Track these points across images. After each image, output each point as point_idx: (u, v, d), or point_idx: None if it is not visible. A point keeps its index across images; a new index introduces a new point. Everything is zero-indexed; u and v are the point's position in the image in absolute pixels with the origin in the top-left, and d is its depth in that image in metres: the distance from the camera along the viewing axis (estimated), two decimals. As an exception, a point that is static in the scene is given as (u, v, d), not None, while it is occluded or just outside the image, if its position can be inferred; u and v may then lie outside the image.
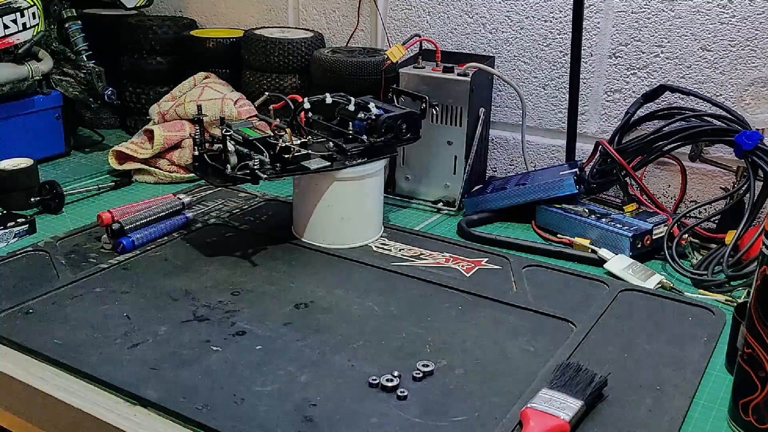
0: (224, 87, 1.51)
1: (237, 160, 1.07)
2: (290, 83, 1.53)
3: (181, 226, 1.19)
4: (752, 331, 0.73)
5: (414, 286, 1.04)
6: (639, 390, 0.82)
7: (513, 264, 1.11)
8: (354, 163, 1.12)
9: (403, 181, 1.38)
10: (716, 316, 0.97)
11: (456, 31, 1.46)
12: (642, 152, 1.22)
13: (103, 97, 1.54)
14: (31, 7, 1.43)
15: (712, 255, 1.10)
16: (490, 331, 0.93)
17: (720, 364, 0.88)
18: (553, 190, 1.23)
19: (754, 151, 1.11)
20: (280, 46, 1.51)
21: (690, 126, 1.18)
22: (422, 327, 0.93)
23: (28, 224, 1.19)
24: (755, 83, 1.22)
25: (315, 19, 1.65)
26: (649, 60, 1.29)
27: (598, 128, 1.36)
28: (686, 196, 1.30)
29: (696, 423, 0.78)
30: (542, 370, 0.84)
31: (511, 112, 1.45)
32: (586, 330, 0.93)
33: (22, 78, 1.44)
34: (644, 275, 1.08)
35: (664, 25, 1.27)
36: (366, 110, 1.17)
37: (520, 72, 1.42)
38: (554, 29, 1.37)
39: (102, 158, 1.52)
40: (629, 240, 1.12)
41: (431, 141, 1.32)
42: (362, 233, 1.17)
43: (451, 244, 1.17)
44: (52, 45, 1.55)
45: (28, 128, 1.48)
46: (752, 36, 1.20)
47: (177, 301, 0.98)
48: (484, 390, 0.80)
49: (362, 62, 1.39)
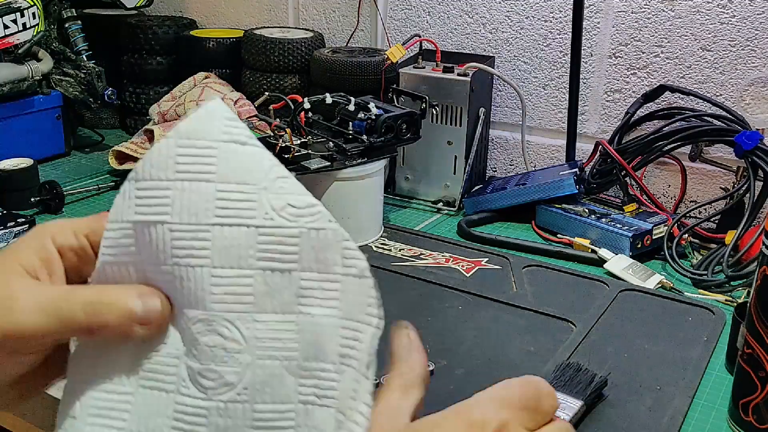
0: (224, 87, 1.51)
1: (237, 160, 1.07)
2: (290, 83, 1.53)
3: (181, 226, 1.19)
4: (752, 331, 0.73)
5: (414, 286, 1.04)
6: (639, 390, 0.82)
7: (513, 264, 1.11)
8: (354, 163, 1.12)
9: (403, 181, 1.38)
10: (716, 316, 0.97)
11: (456, 31, 1.46)
12: (642, 152, 1.22)
13: (103, 97, 1.54)
14: (31, 7, 1.43)
15: (712, 255, 1.10)
16: (490, 331, 0.93)
17: (720, 364, 0.88)
18: (553, 190, 1.23)
19: (754, 151, 1.11)
20: (280, 46, 1.51)
21: (690, 126, 1.18)
22: (422, 327, 0.93)
23: (28, 224, 1.19)
24: (755, 83, 1.22)
25: (315, 19, 1.65)
26: (649, 60, 1.29)
27: (598, 128, 1.36)
28: (686, 196, 1.30)
29: (696, 423, 0.78)
30: (542, 370, 0.84)
31: (511, 112, 1.45)
32: (586, 330, 0.93)
33: (22, 78, 1.44)
34: (644, 275, 1.08)
35: (664, 25, 1.27)
36: (366, 110, 1.16)
37: (520, 72, 1.42)
38: (554, 29, 1.37)
39: (102, 158, 1.52)
40: (629, 240, 1.12)
41: (431, 141, 1.32)
42: (362, 233, 1.17)
43: (451, 244, 1.17)
44: (52, 45, 1.55)
45: (28, 128, 1.48)
46: (752, 36, 1.20)
47: (177, 301, 0.98)
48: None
49: (362, 62, 1.39)
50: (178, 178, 0.40)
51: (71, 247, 0.43)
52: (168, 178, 0.40)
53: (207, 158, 0.41)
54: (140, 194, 0.41)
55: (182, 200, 0.40)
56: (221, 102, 0.43)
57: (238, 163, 0.41)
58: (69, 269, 0.43)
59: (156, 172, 0.41)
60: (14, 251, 0.42)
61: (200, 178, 0.40)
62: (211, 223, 0.40)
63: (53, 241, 0.42)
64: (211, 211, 0.40)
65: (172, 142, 0.41)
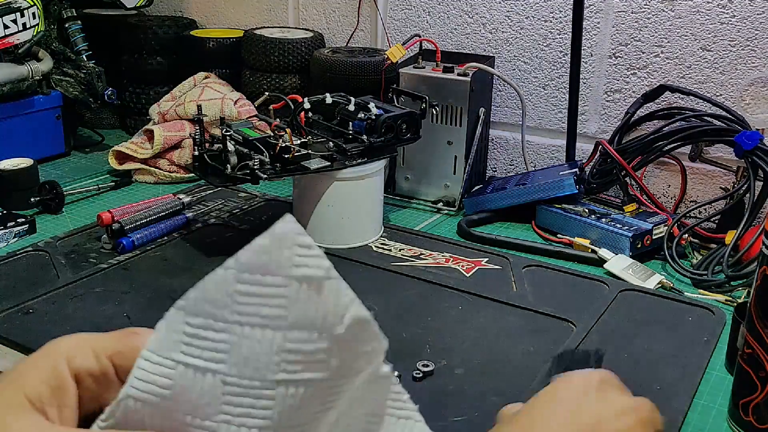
0: (224, 87, 1.51)
1: (237, 160, 1.07)
2: (290, 83, 1.53)
3: (181, 226, 1.19)
4: (752, 331, 0.73)
5: (414, 286, 1.04)
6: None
7: (513, 264, 1.11)
8: (354, 163, 1.12)
9: (403, 181, 1.38)
10: (716, 316, 0.97)
11: (456, 31, 1.46)
12: (642, 152, 1.22)
13: (103, 97, 1.54)
14: (31, 7, 1.42)
15: (712, 255, 1.10)
16: (490, 331, 0.93)
17: (720, 364, 0.88)
18: (553, 190, 1.23)
19: (754, 151, 1.11)
20: (280, 46, 1.51)
21: (690, 126, 1.18)
22: (422, 327, 0.93)
23: (28, 224, 1.19)
24: (755, 83, 1.22)
25: (315, 19, 1.65)
26: (649, 60, 1.29)
27: (598, 128, 1.36)
28: (686, 196, 1.30)
29: (696, 423, 0.78)
30: (542, 370, 0.84)
31: (511, 112, 1.45)
32: (586, 330, 0.93)
33: (22, 78, 1.44)
34: (644, 275, 1.08)
35: (664, 25, 1.27)
36: (366, 110, 1.16)
37: (520, 72, 1.42)
38: (554, 29, 1.37)
39: (102, 158, 1.52)
40: (629, 240, 1.12)
41: (431, 141, 1.32)
42: (362, 233, 1.17)
43: (451, 244, 1.17)
44: (52, 45, 1.55)
45: (28, 128, 1.48)
46: (752, 36, 1.20)
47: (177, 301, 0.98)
48: (484, 390, 0.80)
49: (362, 62, 1.39)
50: (238, 322, 0.34)
51: (91, 371, 0.36)
52: (225, 319, 0.34)
53: (274, 299, 0.33)
54: (189, 331, 0.35)
55: (242, 349, 0.34)
56: (294, 223, 0.34)
57: (312, 306, 0.34)
58: (85, 395, 0.36)
59: (210, 309, 0.34)
60: (21, 375, 0.36)
61: (266, 324, 0.33)
62: (277, 380, 0.33)
63: (69, 364, 0.36)
64: (278, 365, 0.33)
65: (231, 276, 0.34)
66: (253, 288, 0.34)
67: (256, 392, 0.34)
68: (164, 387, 0.34)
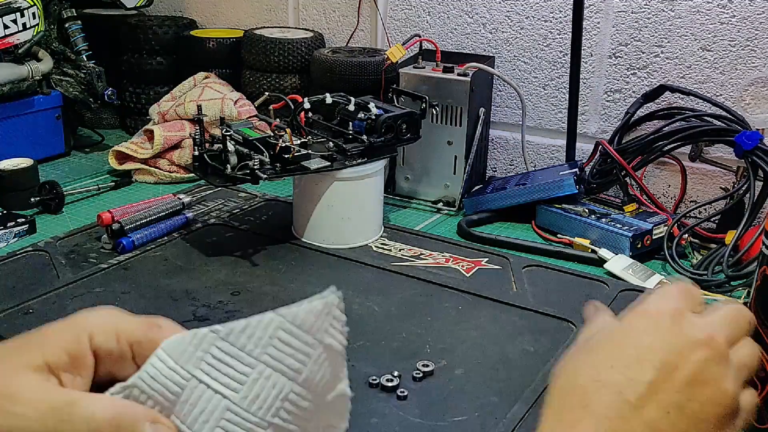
0: (224, 87, 1.51)
1: (237, 160, 1.07)
2: (290, 83, 1.53)
3: (181, 226, 1.19)
4: (752, 331, 0.73)
5: (414, 286, 1.04)
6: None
7: (513, 264, 1.11)
8: (354, 163, 1.12)
9: (403, 181, 1.38)
10: (716, 316, 0.97)
11: (456, 31, 1.46)
12: (642, 152, 1.22)
13: (103, 97, 1.54)
14: (31, 7, 1.43)
15: (712, 255, 1.10)
16: (490, 331, 0.93)
17: (720, 364, 0.88)
18: (553, 190, 1.23)
19: (754, 151, 1.11)
20: (280, 46, 1.51)
21: (690, 126, 1.18)
22: (422, 327, 0.93)
23: (28, 224, 1.19)
24: (755, 83, 1.22)
25: (315, 19, 1.65)
26: (649, 60, 1.29)
27: (598, 128, 1.36)
28: (686, 196, 1.30)
29: (696, 423, 0.78)
30: (542, 370, 0.84)
31: (511, 112, 1.45)
32: (586, 330, 0.93)
33: (22, 78, 1.44)
34: (644, 275, 1.08)
35: (664, 25, 1.27)
36: (366, 110, 1.16)
37: (520, 72, 1.42)
38: (554, 29, 1.37)
39: (102, 158, 1.52)
40: (629, 240, 1.12)
41: (431, 141, 1.32)
42: (362, 233, 1.17)
43: (451, 244, 1.17)
44: (52, 45, 1.55)
45: (28, 128, 1.48)
46: (752, 36, 1.20)
47: (177, 301, 0.98)
48: (484, 390, 0.80)
49: (362, 62, 1.39)
50: (265, 362, 0.38)
51: (110, 351, 0.39)
52: (256, 357, 0.38)
53: (300, 354, 0.38)
54: (217, 354, 0.38)
55: (257, 386, 0.38)
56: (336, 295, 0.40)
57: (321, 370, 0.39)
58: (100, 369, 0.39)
59: (245, 343, 0.38)
60: (43, 338, 0.39)
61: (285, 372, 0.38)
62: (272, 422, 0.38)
63: (91, 339, 0.39)
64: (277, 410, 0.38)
65: (277, 322, 0.38)
66: (290, 339, 0.38)
67: (250, 426, 0.37)
68: (173, 393, 0.37)
